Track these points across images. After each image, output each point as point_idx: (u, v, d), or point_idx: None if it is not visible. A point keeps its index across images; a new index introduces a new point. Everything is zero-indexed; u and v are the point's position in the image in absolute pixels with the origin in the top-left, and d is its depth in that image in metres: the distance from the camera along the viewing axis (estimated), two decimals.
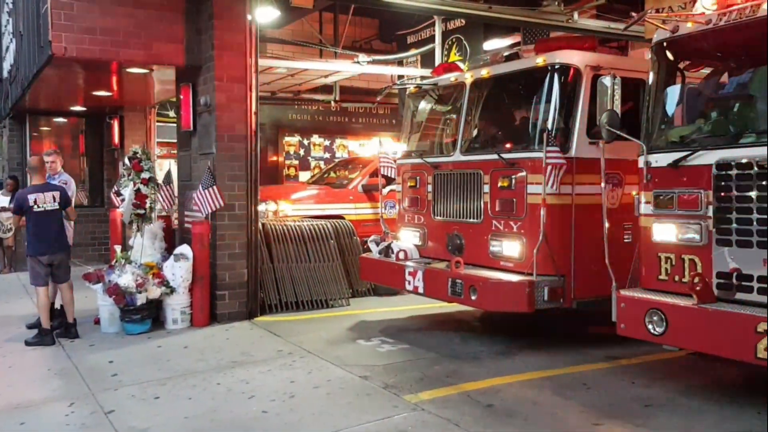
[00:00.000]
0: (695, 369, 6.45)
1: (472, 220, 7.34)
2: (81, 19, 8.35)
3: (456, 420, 5.18)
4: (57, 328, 7.88)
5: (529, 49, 8.17)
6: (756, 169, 4.79)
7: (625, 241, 6.77)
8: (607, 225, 5.89)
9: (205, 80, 8.91)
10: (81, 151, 16.06)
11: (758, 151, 4.80)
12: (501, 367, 6.53)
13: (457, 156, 7.61)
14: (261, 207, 9.58)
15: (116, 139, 14.79)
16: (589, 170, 6.59)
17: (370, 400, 5.65)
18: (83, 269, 10.61)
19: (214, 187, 8.36)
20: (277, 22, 11.47)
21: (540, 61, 6.85)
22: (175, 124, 10.83)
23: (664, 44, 5.73)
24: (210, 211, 8.42)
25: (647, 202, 5.62)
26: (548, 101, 6.82)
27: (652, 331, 5.24)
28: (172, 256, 8.51)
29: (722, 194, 5.01)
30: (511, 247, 6.88)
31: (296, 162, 17.70)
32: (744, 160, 4.87)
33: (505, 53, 7.78)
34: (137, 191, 8.60)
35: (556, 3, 10.21)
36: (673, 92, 5.91)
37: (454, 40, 12.76)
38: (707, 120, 5.60)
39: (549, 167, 6.35)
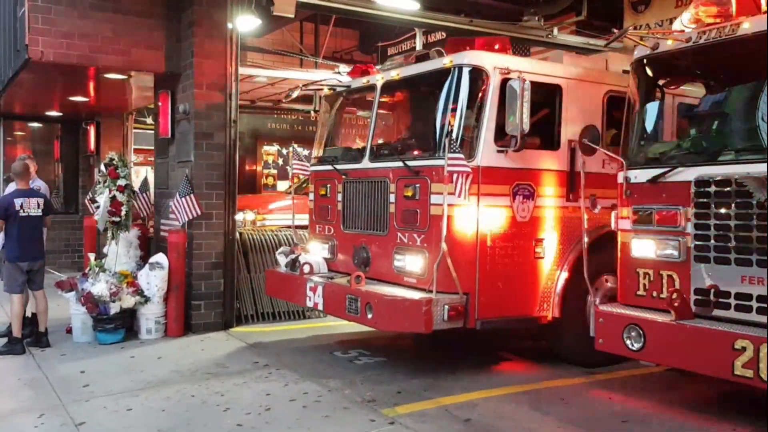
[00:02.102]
0: (673, 385, 6.47)
1: (378, 232, 6.91)
2: (59, 24, 8.25)
3: None
4: (27, 336, 7.72)
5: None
6: (734, 186, 4.83)
7: (537, 258, 6.55)
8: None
9: (184, 87, 8.83)
10: (56, 157, 15.79)
11: (736, 169, 4.85)
12: (479, 381, 6.49)
13: (366, 163, 7.17)
14: (239, 216, 9.49)
15: (92, 146, 14.58)
16: (497, 180, 6.32)
17: (347, 414, 5.59)
18: (56, 277, 10.43)
19: (192, 195, 8.27)
20: (258, 31, 11.43)
21: (446, 62, 6.43)
22: (152, 131, 10.72)
23: (644, 61, 5.77)
24: (187, 219, 8.32)
25: (626, 218, 5.64)
26: (454, 105, 6.37)
27: (630, 346, 5.25)
28: (147, 265, 8.38)
29: (701, 211, 5.04)
30: (413, 262, 6.46)
31: (275, 171, 17.60)
32: (722, 178, 4.91)
33: (417, 53, 7.27)
34: (113, 198, 8.46)
35: (537, 18, 10.28)
36: (653, 109, 5.95)
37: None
38: (686, 137, 5.65)
39: (452, 176, 5.88)
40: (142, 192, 9.16)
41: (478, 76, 6.30)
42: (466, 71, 6.33)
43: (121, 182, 8.52)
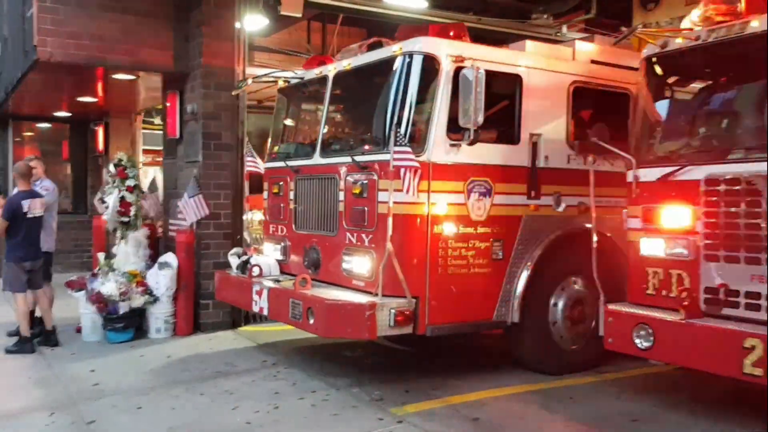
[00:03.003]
0: (682, 384, 6.45)
1: (328, 232, 6.56)
2: (67, 24, 8.28)
3: None
4: (37, 335, 7.76)
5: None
6: (744, 184, 4.81)
7: (495, 259, 6.20)
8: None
9: (192, 88, 8.86)
10: (65, 158, 15.87)
11: (746, 167, 4.82)
12: (487, 380, 6.48)
13: (316, 158, 6.80)
14: (246, 216, 9.52)
15: (101, 146, 14.64)
16: (450, 176, 5.94)
17: (355, 413, 5.59)
18: (65, 276, 10.46)
19: (200, 195, 8.29)
20: (266, 31, 11.43)
21: (396, 49, 6.07)
22: (161, 132, 10.75)
23: (653, 59, 5.75)
24: (195, 219, 8.35)
25: (635, 216, 5.62)
26: (404, 95, 5.97)
27: (639, 345, 5.22)
28: (156, 265, 8.41)
29: (711, 209, 5.02)
30: (361, 264, 6.10)
31: None
32: (732, 176, 4.89)
33: (370, 42, 6.83)
34: (122, 199, 8.50)
35: (546, 16, 10.26)
36: (662, 107, 5.93)
37: None
38: (696, 135, 5.62)
39: (400, 171, 5.55)
40: (151, 192, 9.19)
41: (429, 64, 5.92)
42: (416, 59, 5.96)
43: (130, 182, 8.56)
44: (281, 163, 7.30)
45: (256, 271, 7.03)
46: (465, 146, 5.83)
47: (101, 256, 8.83)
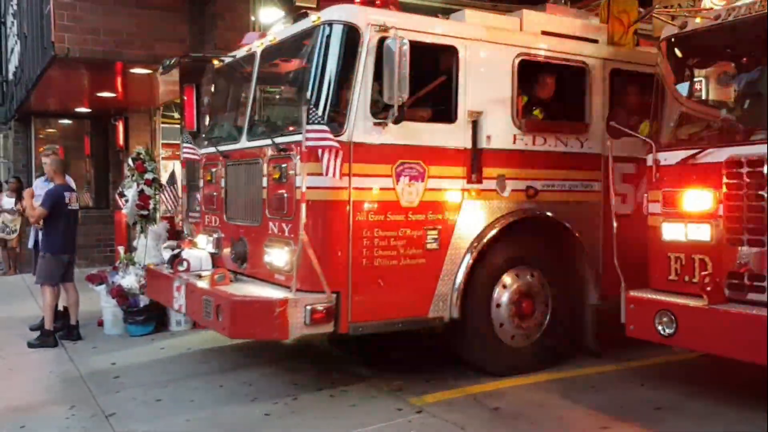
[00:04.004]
0: (706, 371, 6.33)
1: (253, 222, 6.08)
2: (84, 20, 8.36)
3: (462, 423, 5.09)
4: (60, 329, 7.83)
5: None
6: (767, 166, 4.69)
7: (430, 249, 5.65)
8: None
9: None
10: (86, 153, 16.04)
11: None
12: None
13: (243, 142, 6.32)
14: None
15: (121, 141, 14.77)
16: (375, 158, 5.43)
17: (374, 403, 5.57)
18: (88, 271, 10.57)
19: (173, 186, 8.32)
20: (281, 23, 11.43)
21: (315, 18, 5.58)
22: (180, 126, 10.79)
23: (672, 41, 5.63)
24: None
25: (656, 201, 5.51)
26: (323, 69, 5.52)
27: (661, 332, 5.13)
28: None
29: (733, 192, 4.91)
30: (279, 256, 5.62)
31: None
32: (754, 158, 4.77)
33: (298, 13, 6.29)
34: (141, 192, 8.56)
35: (562, 2, 10.09)
36: (682, 89, 5.81)
37: None
38: (717, 117, 5.50)
39: (316, 153, 5.13)
40: (170, 185, 9.22)
41: (349, 34, 5.42)
42: (335, 29, 5.47)
43: (149, 176, 8.60)
44: (213, 149, 6.82)
45: (183, 265, 6.52)
46: (392, 126, 5.33)
47: (122, 249, 8.89)
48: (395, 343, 6.88)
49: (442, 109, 5.81)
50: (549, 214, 6.19)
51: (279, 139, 5.66)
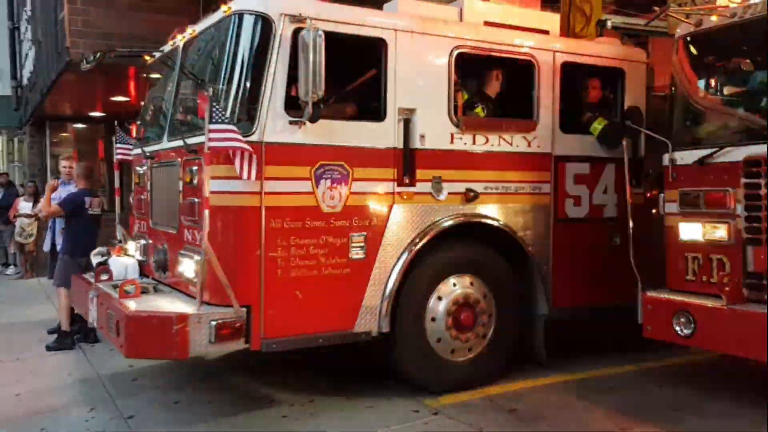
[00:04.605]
0: (724, 372, 6.29)
1: (172, 228, 5.70)
2: (97, 25, 8.42)
3: (479, 425, 5.08)
4: (77, 332, 7.88)
5: None
6: None
7: (355, 258, 5.27)
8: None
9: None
10: (101, 157, 16.11)
11: None
12: (523, 371, 6.34)
13: (164, 142, 5.92)
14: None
15: None
16: (291, 160, 5.02)
17: (390, 405, 5.56)
18: None
19: None
20: None
21: (225, 9, 5.23)
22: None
23: (688, 39, 5.60)
24: None
25: (673, 201, 5.48)
26: (233, 63, 5.18)
27: (679, 333, 5.11)
28: None
29: (751, 192, 4.87)
30: (189, 266, 5.21)
31: None
32: None
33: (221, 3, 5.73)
34: None
35: None
36: (698, 87, 5.77)
37: None
38: (734, 116, 5.46)
39: (229, 153, 4.76)
40: None
41: (261, 25, 5.02)
42: (246, 19, 5.11)
43: None
44: (140, 149, 6.51)
45: (105, 275, 6.06)
46: (310, 124, 4.94)
47: None
48: None
49: (370, 107, 5.46)
50: (490, 218, 5.83)
51: (190, 140, 5.26)
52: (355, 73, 5.52)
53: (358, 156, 5.26)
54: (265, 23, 4.99)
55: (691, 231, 5.34)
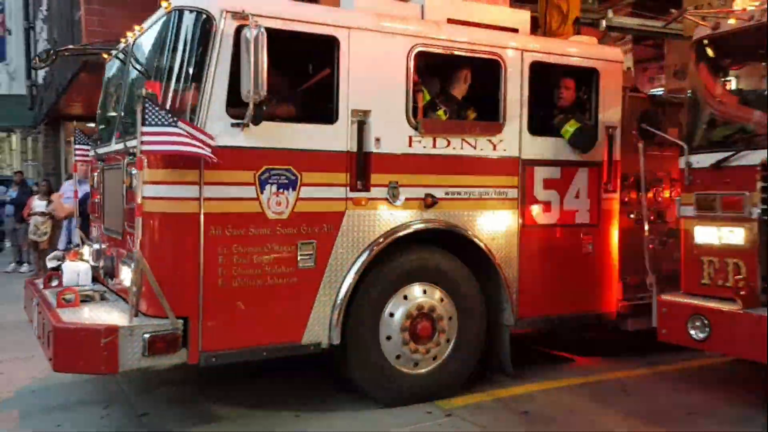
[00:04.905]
0: (739, 376, 6.26)
1: (117, 233, 5.46)
2: (113, 25, 8.44)
3: (491, 426, 5.09)
4: None
5: None
6: None
7: (304, 267, 5.02)
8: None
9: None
10: None
11: None
12: (535, 374, 6.36)
13: (113, 144, 5.67)
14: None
15: None
16: (233, 164, 4.77)
17: (403, 406, 5.56)
18: None
19: None
20: None
21: (165, 5, 5.00)
22: None
23: (705, 42, 5.58)
24: None
25: (688, 204, 5.46)
26: (171, 63, 4.95)
27: (694, 336, 5.10)
28: None
29: None
30: (127, 275, 4.94)
31: None
32: None
33: None
34: None
35: (590, 1, 10.05)
36: (715, 90, 5.75)
37: None
38: (751, 119, 5.43)
39: (155, 157, 4.58)
40: None
41: (201, 22, 4.80)
42: (185, 16, 4.90)
43: None
44: (94, 151, 6.33)
45: (54, 280, 5.84)
46: (255, 127, 4.73)
47: None
48: None
49: (322, 108, 5.24)
50: (451, 225, 5.59)
51: (131, 142, 4.99)
52: (308, 73, 5.34)
53: (308, 160, 5.03)
54: (205, 20, 4.77)
55: (706, 234, 5.32)
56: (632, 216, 6.41)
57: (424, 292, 5.53)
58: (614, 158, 6.29)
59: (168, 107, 4.67)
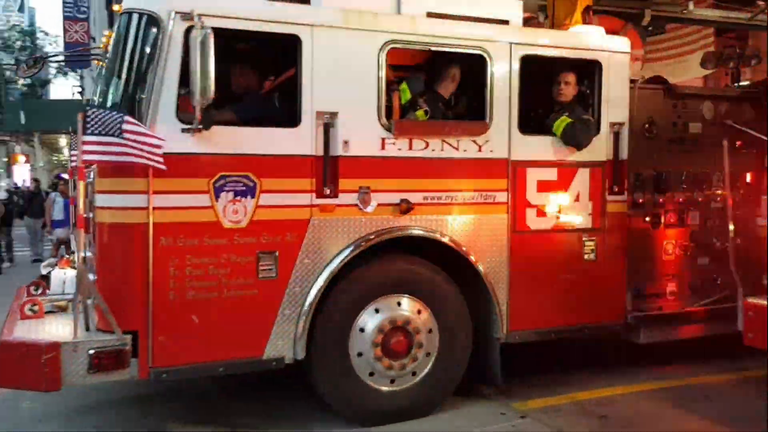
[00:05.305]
0: None
1: (91, 243, 5.16)
2: None
3: (567, 430, 5.00)
4: None
5: None
6: None
7: (264, 277, 4.76)
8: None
9: None
10: None
11: None
12: (613, 377, 6.21)
13: None
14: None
15: None
16: (185, 171, 4.57)
17: (477, 407, 5.54)
18: None
19: None
20: None
21: (117, 8, 4.84)
22: None
23: None
24: None
25: None
26: (120, 67, 4.79)
27: None
28: None
29: None
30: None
31: None
32: None
33: None
34: None
35: None
36: None
37: None
38: None
39: (103, 167, 4.45)
40: None
41: (149, 24, 4.61)
42: (134, 19, 4.70)
43: None
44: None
45: (37, 289, 5.64)
46: (208, 132, 4.51)
47: None
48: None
49: (284, 111, 5.04)
50: (429, 231, 5.22)
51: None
52: (271, 74, 5.17)
53: (268, 166, 4.79)
54: (153, 22, 4.59)
55: None
56: (647, 219, 5.96)
57: (399, 304, 5.18)
58: (620, 157, 5.82)
59: (118, 111, 4.49)
